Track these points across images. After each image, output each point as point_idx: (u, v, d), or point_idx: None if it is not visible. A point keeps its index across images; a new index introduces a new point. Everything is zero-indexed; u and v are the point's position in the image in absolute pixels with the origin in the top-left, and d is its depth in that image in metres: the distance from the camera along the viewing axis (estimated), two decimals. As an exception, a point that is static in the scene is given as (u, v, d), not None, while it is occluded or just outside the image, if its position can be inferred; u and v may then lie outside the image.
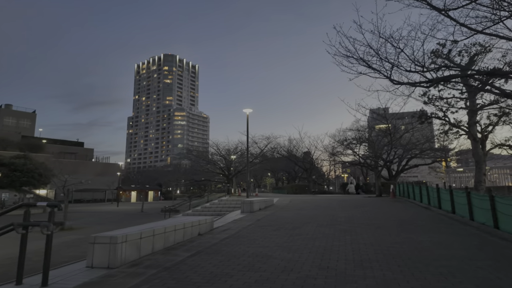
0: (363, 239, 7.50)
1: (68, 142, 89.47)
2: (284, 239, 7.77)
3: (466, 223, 10.01)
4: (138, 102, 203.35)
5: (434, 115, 19.82)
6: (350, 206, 16.18)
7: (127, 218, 26.44)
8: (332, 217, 11.94)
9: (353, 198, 23.94)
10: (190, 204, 28.16)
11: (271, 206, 16.54)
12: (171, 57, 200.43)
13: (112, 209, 41.67)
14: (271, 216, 12.54)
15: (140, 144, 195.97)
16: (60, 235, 15.64)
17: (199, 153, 52.86)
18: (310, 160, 47.08)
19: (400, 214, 12.75)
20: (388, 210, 14.61)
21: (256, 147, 44.55)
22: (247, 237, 8.18)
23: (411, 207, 15.80)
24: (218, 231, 9.08)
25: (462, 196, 11.49)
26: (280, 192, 53.22)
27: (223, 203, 21.89)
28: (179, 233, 7.54)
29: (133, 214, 32.17)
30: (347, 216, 12.18)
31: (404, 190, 23.19)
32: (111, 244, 5.45)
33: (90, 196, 73.20)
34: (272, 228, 9.55)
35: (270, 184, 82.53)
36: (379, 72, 9.27)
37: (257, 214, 13.15)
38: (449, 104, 18.54)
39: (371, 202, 19.27)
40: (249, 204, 13.85)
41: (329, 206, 16.34)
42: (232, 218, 11.98)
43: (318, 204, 18.04)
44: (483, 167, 18.23)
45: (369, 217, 11.71)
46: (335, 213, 13.07)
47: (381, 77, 10.87)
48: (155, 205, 44.70)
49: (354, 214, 12.82)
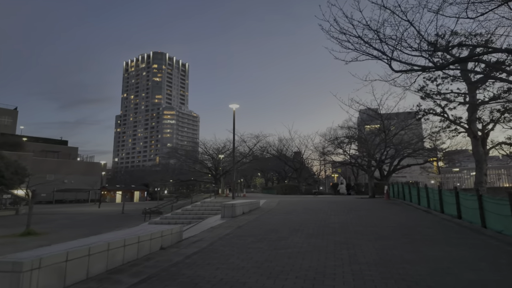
0: (364, 256, 5.99)
1: (51, 140, 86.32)
2: (265, 255, 6.22)
3: (478, 231, 8.62)
4: (126, 100, 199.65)
5: (432, 111, 18.56)
6: (343, 210, 14.74)
7: (102, 221, 24.55)
8: (324, 223, 10.44)
9: (345, 199, 22.55)
10: (172, 206, 26.40)
11: (257, 210, 14.99)
12: (160, 55, 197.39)
13: (92, 210, 39.52)
14: (254, 222, 10.97)
15: (128, 143, 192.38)
16: (14, 241, 13.78)
17: (186, 152, 51.02)
18: (300, 159, 45.73)
19: (400, 219, 11.33)
20: (386, 214, 13.20)
21: (245, 146, 42.99)
22: (220, 252, 6.60)
23: (410, 211, 14.43)
24: (187, 244, 7.48)
25: (471, 199, 10.12)
26: (269, 192, 51.76)
27: (206, 205, 20.24)
28: (131, 250, 5.91)
29: (112, 216, 30.21)
30: (341, 222, 10.70)
31: (399, 191, 21.91)
32: (13, 273, 3.81)
33: (73, 197, 70.62)
34: (253, 238, 7.99)
35: (260, 184, 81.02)
36: (382, 53, 7.77)
37: (239, 219, 11.58)
38: (448, 99, 17.26)
39: (365, 204, 17.90)
40: (231, 208, 12.26)
41: (320, 209, 14.87)
42: (210, 225, 10.38)
43: (308, 206, 16.57)
44: (483, 166, 17.01)
45: (366, 223, 10.25)
46: (327, 218, 11.58)
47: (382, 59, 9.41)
48: (139, 206, 42.66)
49: (348, 219, 11.35)
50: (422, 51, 7.63)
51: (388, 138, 21.86)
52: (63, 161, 75.11)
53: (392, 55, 9.85)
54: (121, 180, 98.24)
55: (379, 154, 22.40)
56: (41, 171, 69.28)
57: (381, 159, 23.33)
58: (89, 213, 34.55)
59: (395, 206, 16.81)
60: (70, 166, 76.18)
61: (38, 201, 64.94)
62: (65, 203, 66.12)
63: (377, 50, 8.05)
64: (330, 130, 44.23)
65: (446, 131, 19.43)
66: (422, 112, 18.77)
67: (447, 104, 18.27)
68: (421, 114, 18.90)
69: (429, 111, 18.57)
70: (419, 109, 18.99)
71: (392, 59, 9.89)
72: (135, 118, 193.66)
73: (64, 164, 74.80)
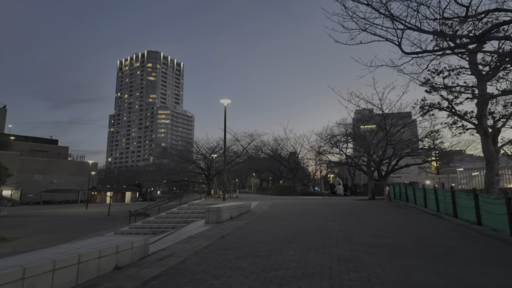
0: (381, 283, 4.45)
1: (41, 139, 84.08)
2: (249, 280, 4.67)
3: (507, 241, 7.14)
4: (120, 99, 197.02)
5: (438, 106, 17.12)
6: (344, 213, 13.23)
7: (84, 225, 22.84)
8: (323, 232, 8.90)
9: (343, 201, 21.03)
10: (159, 208, 24.73)
11: (247, 214, 13.42)
12: (155, 54, 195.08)
13: (78, 212, 37.64)
14: (242, 229, 9.40)
15: (122, 143, 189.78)
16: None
17: (178, 152, 49.31)
18: (295, 159, 44.24)
19: (410, 227, 9.83)
20: (392, 219, 11.71)
21: (239, 145, 41.36)
22: (191, 274, 5.02)
23: (417, 215, 12.96)
24: (152, 261, 5.89)
25: (495, 203, 8.65)
26: (264, 193, 50.22)
27: (193, 207, 18.64)
28: (65, 274, 4.32)
29: (97, 218, 28.46)
30: (344, 229, 9.17)
31: (400, 192, 20.47)
32: None
33: (62, 197, 68.58)
34: (238, 253, 6.42)
35: (255, 184, 79.41)
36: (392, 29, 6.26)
37: (225, 226, 10.00)
38: (458, 91, 15.82)
39: (366, 207, 16.41)
40: (216, 213, 10.67)
41: (317, 213, 13.35)
42: (189, 233, 8.80)
43: (304, 209, 15.04)
44: (495, 166, 15.59)
45: (373, 231, 8.73)
46: (327, 225, 10.04)
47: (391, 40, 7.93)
48: (128, 207, 40.84)
49: (351, 225, 9.83)
50: (444, 21, 6.16)
51: (389, 135, 20.37)
52: (52, 160, 73.01)
53: (403, 35, 8.40)
54: (114, 180, 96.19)
55: (380, 153, 20.93)
56: (29, 171, 67.22)
57: (381, 158, 21.86)
58: (74, 215, 32.73)
59: (399, 209, 15.34)
60: (60, 166, 74.12)
61: (25, 202, 62.93)
62: (54, 204, 64.04)
63: (386, 28, 6.55)
64: (326, 129, 42.42)
65: (452, 127, 18.02)
66: (427, 107, 17.35)
67: (456, 97, 16.85)
68: (426, 109, 17.49)
69: (435, 106, 17.14)
70: (424, 103, 17.58)
71: (399, 45, 8.47)
72: (129, 118, 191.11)
73: (53, 163, 72.74)
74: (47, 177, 69.94)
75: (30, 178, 67.12)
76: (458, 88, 16.48)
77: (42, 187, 66.05)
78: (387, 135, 20.15)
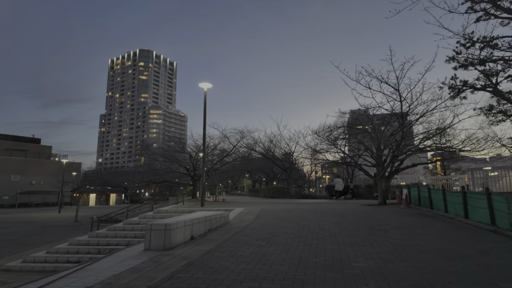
0: None
1: (22, 138, 78.98)
2: None
3: None
4: (111, 99, 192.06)
5: (474, 85, 13.25)
6: (361, 229, 9.20)
7: (29, 236, 18.55)
8: (339, 274, 4.85)
9: (349, 207, 16.95)
10: (127, 214, 20.61)
11: (220, 228, 9.33)
12: (147, 53, 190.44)
13: (46, 216, 33.26)
14: (193, 271, 5.30)
15: (113, 143, 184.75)
16: None
17: (161, 151, 45.10)
18: (289, 159, 40.22)
19: (478, 257, 5.80)
20: (438, 240, 7.67)
21: (228, 142, 37.19)
22: None
23: (467, 230, 8.94)
24: None
25: None
26: (256, 195, 46.23)
27: (159, 216, 14.48)
28: None
29: (57, 225, 24.22)
30: (376, 269, 5.12)
31: (420, 196, 16.50)
32: None
33: (40, 199, 63.95)
34: None
35: (248, 185, 75.29)
36: None
37: (170, 259, 5.89)
38: (507, 63, 11.94)
39: (383, 216, 12.38)
40: (162, 233, 6.57)
41: (322, 229, 9.31)
42: (95, 277, 4.71)
43: (301, 221, 10.98)
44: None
45: (433, 274, 4.71)
46: (343, 257, 5.98)
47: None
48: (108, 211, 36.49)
49: (385, 259, 5.76)
50: None
51: (406, 124, 16.37)
52: (31, 160, 68.33)
53: None
54: (103, 182, 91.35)
55: (394, 146, 16.95)
56: (5, 171, 62.48)
57: (394, 154, 17.89)
58: (35, 221, 28.38)
59: (430, 220, 11.31)
60: (40, 166, 69.49)
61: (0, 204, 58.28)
62: (30, 207, 59.50)
63: None
64: (323, 126, 37.57)
65: (489, 114, 14.15)
66: (460, 86, 13.44)
67: (494, 74, 12.95)
68: (457, 88, 13.58)
69: (470, 85, 13.26)
70: (454, 82, 13.68)
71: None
72: (120, 118, 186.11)
73: (32, 164, 68.07)
74: (25, 178, 65.29)
75: (7, 179, 62.54)
76: (502, 62, 12.59)
77: (18, 189, 61.40)
78: (403, 125, 16.17)
